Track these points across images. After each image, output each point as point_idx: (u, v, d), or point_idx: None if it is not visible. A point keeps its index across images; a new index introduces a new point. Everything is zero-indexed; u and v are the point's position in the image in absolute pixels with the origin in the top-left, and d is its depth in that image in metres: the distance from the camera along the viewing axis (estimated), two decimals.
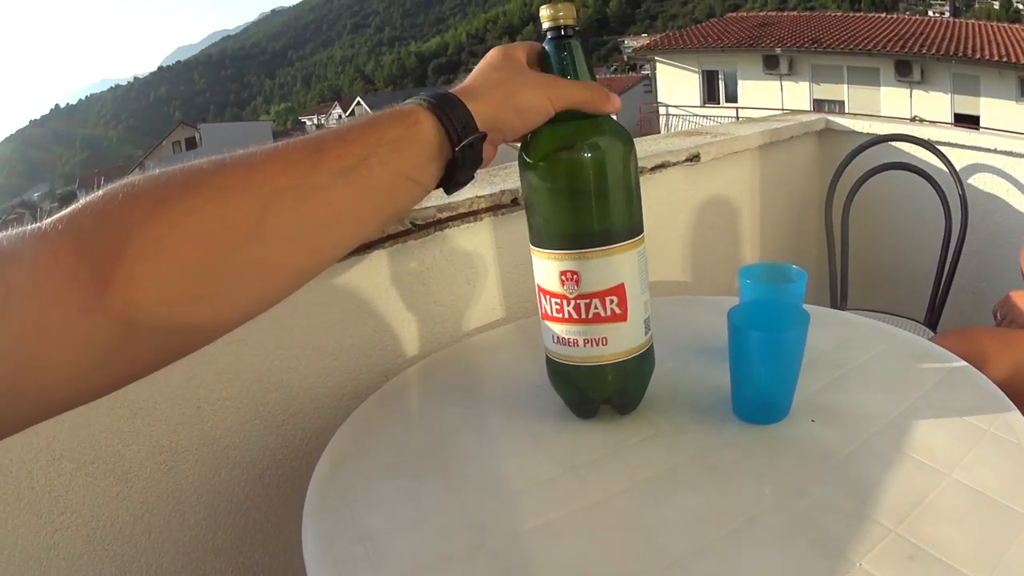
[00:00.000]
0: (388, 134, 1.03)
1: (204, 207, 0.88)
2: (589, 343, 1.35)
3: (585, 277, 1.31)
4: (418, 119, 1.07)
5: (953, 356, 1.60)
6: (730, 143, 3.18)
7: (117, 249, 0.83)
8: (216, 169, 0.92)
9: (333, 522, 1.23)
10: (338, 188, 0.98)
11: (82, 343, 0.81)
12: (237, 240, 0.90)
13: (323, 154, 0.98)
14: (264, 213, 0.91)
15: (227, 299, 0.92)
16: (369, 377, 2.02)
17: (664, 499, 1.21)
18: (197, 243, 0.87)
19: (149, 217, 0.85)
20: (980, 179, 3.41)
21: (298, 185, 0.95)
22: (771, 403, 1.40)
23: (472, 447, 1.44)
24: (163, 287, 0.85)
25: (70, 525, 1.61)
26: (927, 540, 1.05)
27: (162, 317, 0.86)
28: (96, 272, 0.81)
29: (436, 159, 1.09)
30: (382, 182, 1.03)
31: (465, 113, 1.10)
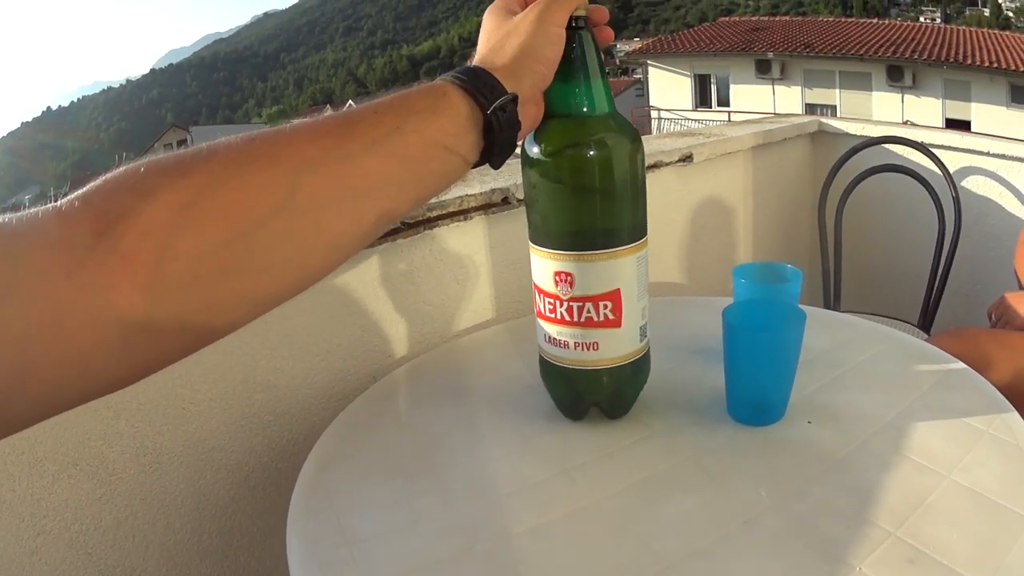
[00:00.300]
0: (419, 104, 1.01)
1: (232, 177, 0.85)
2: (580, 346, 1.33)
3: (579, 280, 1.28)
4: (447, 91, 1.04)
5: (950, 357, 1.59)
6: (723, 144, 3.17)
7: (141, 221, 0.78)
8: (243, 143, 0.89)
9: (319, 525, 1.20)
10: (372, 157, 0.95)
11: (100, 325, 0.75)
12: (268, 210, 0.86)
13: (354, 125, 0.96)
14: (295, 183, 0.88)
15: (262, 272, 0.88)
16: (357, 378, 1.99)
17: (658, 502, 1.19)
18: (227, 212, 0.83)
19: (174, 187, 0.81)
20: (973, 182, 3.42)
21: (330, 154, 0.92)
22: (767, 404, 1.38)
23: (461, 449, 1.41)
24: (193, 259, 0.80)
25: (53, 528, 1.58)
26: (927, 543, 1.04)
27: (192, 293, 0.81)
28: (118, 246, 0.76)
29: (471, 129, 1.05)
30: (418, 151, 0.99)
31: (489, 78, 1.07)
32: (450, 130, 1.03)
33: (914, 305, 3.34)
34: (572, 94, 1.23)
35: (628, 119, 1.31)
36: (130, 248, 0.76)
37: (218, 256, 0.82)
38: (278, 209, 0.86)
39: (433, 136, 1.01)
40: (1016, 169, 3.30)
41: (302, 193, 0.88)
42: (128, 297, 0.76)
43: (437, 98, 1.03)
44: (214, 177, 0.84)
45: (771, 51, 30.17)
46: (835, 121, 3.81)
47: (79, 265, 0.74)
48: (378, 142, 0.95)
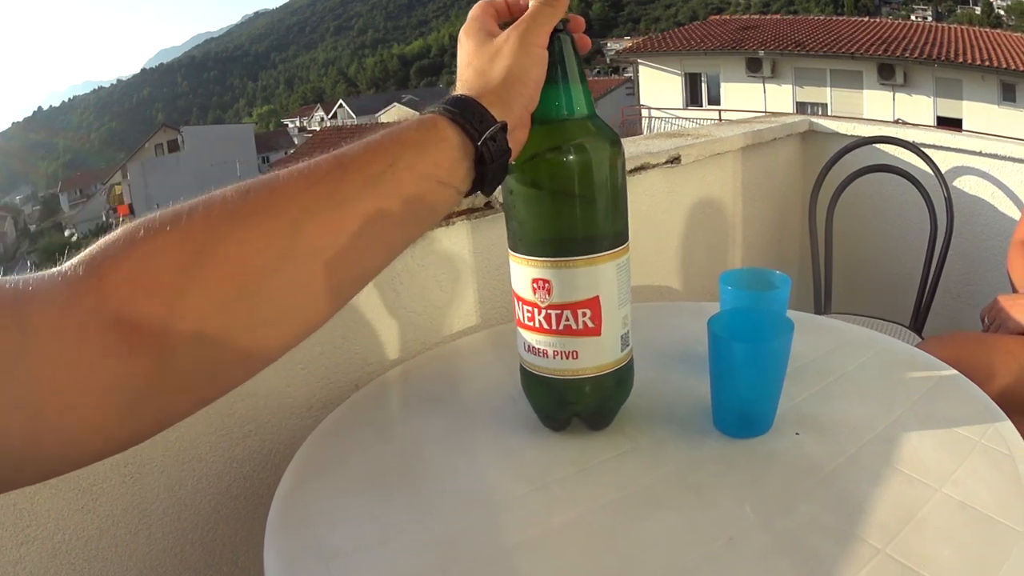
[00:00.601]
0: (410, 139, 1.01)
1: (232, 232, 0.84)
2: (559, 355, 1.31)
3: (557, 287, 1.26)
4: (437, 123, 1.04)
5: (942, 363, 1.57)
6: (711, 145, 3.15)
7: (144, 284, 0.78)
8: (237, 196, 0.87)
9: (296, 541, 1.18)
10: (368, 198, 0.94)
11: (108, 388, 0.75)
12: (271, 261, 0.86)
13: (347, 167, 0.95)
14: (295, 231, 0.88)
15: (268, 325, 0.87)
16: (339, 387, 1.97)
17: (641, 518, 1.16)
18: (231, 268, 0.83)
19: (174, 247, 0.81)
20: (965, 182, 3.41)
21: (326, 200, 0.91)
22: (754, 416, 1.36)
23: (441, 461, 1.39)
24: (199, 318, 0.80)
25: (36, 538, 1.56)
26: (918, 559, 1.02)
27: (199, 352, 0.81)
28: (124, 311, 0.76)
29: (463, 160, 1.04)
30: (412, 187, 0.99)
31: (478, 107, 1.06)
32: (443, 164, 1.02)
33: (905, 306, 3.33)
34: (549, 98, 1.20)
35: (610, 122, 1.28)
36: (136, 313, 0.76)
37: (224, 313, 0.82)
38: (281, 260, 0.86)
39: (426, 171, 1.00)
40: (1008, 169, 3.29)
41: (303, 242, 0.88)
42: (136, 363, 0.76)
43: (427, 131, 1.03)
44: (214, 233, 0.83)
45: (762, 49, 30.21)
46: (826, 121, 3.79)
47: (87, 331, 0.74)
48: (372, 183, 0.95)
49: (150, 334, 0.77)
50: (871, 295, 3.82)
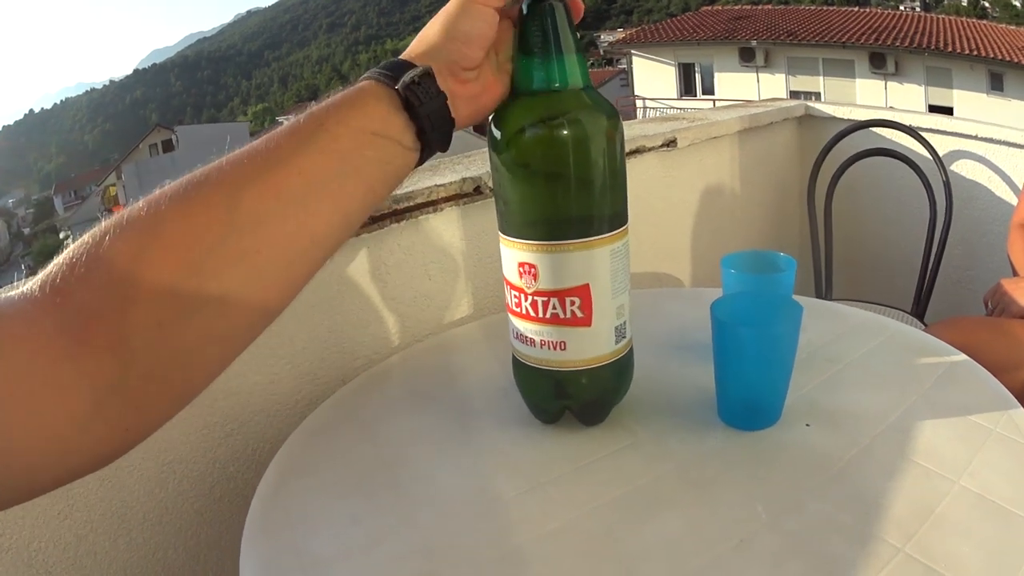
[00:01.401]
0: (336, 100, 0.99)
1: (172, 212, 0.84)
2: (546, 345, 1.24)
3: (544, 272, 1.19)
4: (361, 84, 1.03)
5: (952, 349, 1.53)
6: (708, 128, 3.13)
7: (96, 281, 0.79)
8: (183, 180, 0.88)
9: (275, 546, 1.14)
10: (304, 156, 0.93)
11: (69, 395, 0.75)
12: (215, 234, 0.85)
13: (280, 136, 0.94)
14: (235, 199, 0.87)
15: (223, 303, 0.85)
16: (324, 382, 1.93)
17: (642, 520, 1.10)
18: (175, 247, 0.83)
19: (124, 239, 0.81)
20: (961, 166, 3.41)
21: (262, 163, 0.90)
22: (761, 406, 1.30)
23: (430, 460, 1.33)
24: (152, 304, 0.80)
25: (10, 547, 1.52)
26: (938, 558, 0.97)
27: (158, 342, 0.80)
28: (80, 311, 0.77)
29: (394, 111, 1.01)
30: (348, 142, 0.97)
31: (401, 62, 1.05)
32: (374, 115, 1.01)
33: (906, 291, 3.32)
34: (536, 67, 1.14)
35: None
36: (92, 309, 0.77)
37: (176, 295, 0.81)
38: (225, 231, 0.85)
39: (359, 124, 0.99)
40: (1004, 153, 3.28)
41: (243, 209, 0.87)
42: (97, 362, 0.76)
43: (353, 91, 1.02)
44: (157, 218, 0.83)
45: (754, 39, 30.50)
46: (822, 105, 3.77)
47: (45, 340, 0.74)
48: (306, 141, 0.94)
49: (106, 328, 0.77)
50: (871, 280, 3.82)
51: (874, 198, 3.71)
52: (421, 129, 1.03)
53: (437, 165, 2.28)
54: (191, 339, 0.83)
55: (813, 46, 29.61)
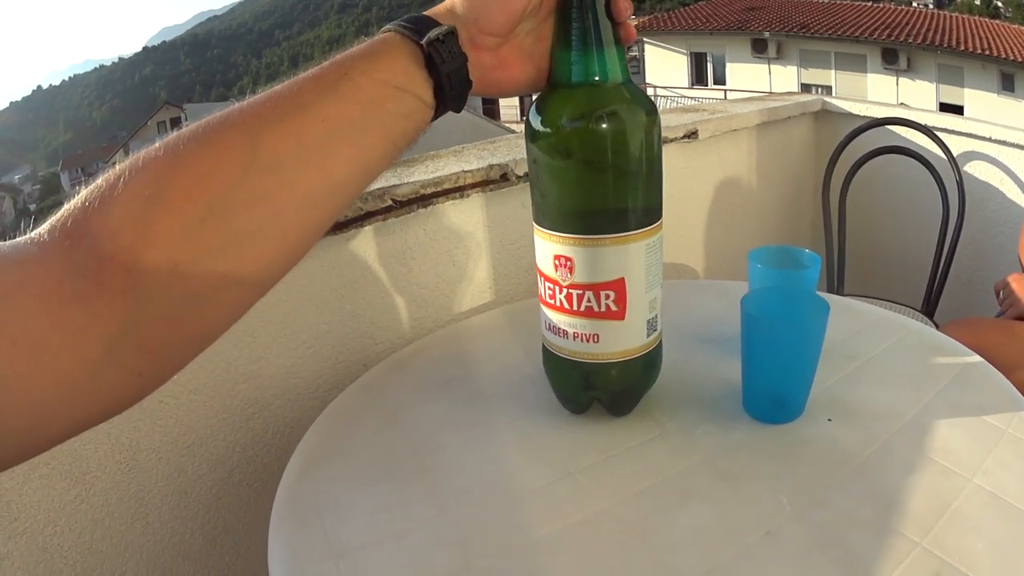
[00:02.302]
0: (360, 51, 0.99)
1: (191, 152, 0.83)
2: (579, 337, 1.25)
3: (580, 266, 1.19)
4: (385, 36, 1.02)
5: (967, 350, 1.55)
6: (728, 121, 3.12)
7: (109, 223, 0.76)
8: (199, 123, 0.86)
9: (302, 535, 1.13)
10: (327, 103, 0.92)
11: (80, 339, 0.72)
12: (234, 175, 0.83)
13: (303, 82, 0.94)
14: (256, 141, 0.86)
15: (242, 245, 0.84)
16: (346, 366, 1.93)
17: (672, 510, 1.12)
18: (194, 187, 0.81)
19: (137, 180, 0.79)
20: (975, 166, 3.39)
21: (283, 108, 0.90)
22: (787, 400, 1.32)
23: (457, 449, 1.33)
24: (169, 245, 0.78)
25: (24, 532, 1.51)
26: (953, 553, 1.00)
27: (174, 283, 0.78)
28: (93, 252, 0.75)
29: (417, 67, 1.01)
30: (371, 92, 0.96)
31: (425, 18, 1.05)
32: (396, 68, 1.00)
33: (916, 290, 3.32)
34: (576, 61, 1.13)
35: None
36: (105, 250, 0.75)
37: (194, 236, 0.80)
38: (244, 172, 0.84)
39: (382, 76, 0.98)
40: (1017, 156, 3.27)
41: (264, 150, 0.86)
42: (110, 304, 0.74)
43: (375, 42, 1.01)
44: (175, 158, 0.82)
45: (767, 30, 30.32)
46: (839, 101, 3.76)
47: (55, 282, 0.72)
48: (329, 89, 0.94)
49: (119, 269, 0.75)
50: (882, 277, 3.81)
51: (888, 195, 3.70)
52: (439, 87, 1.03)
53: (462, 151, 2.28)
54: (207, 282, 0.82)
55: (826, 39, 29.45)
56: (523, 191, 1.23)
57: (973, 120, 3.45)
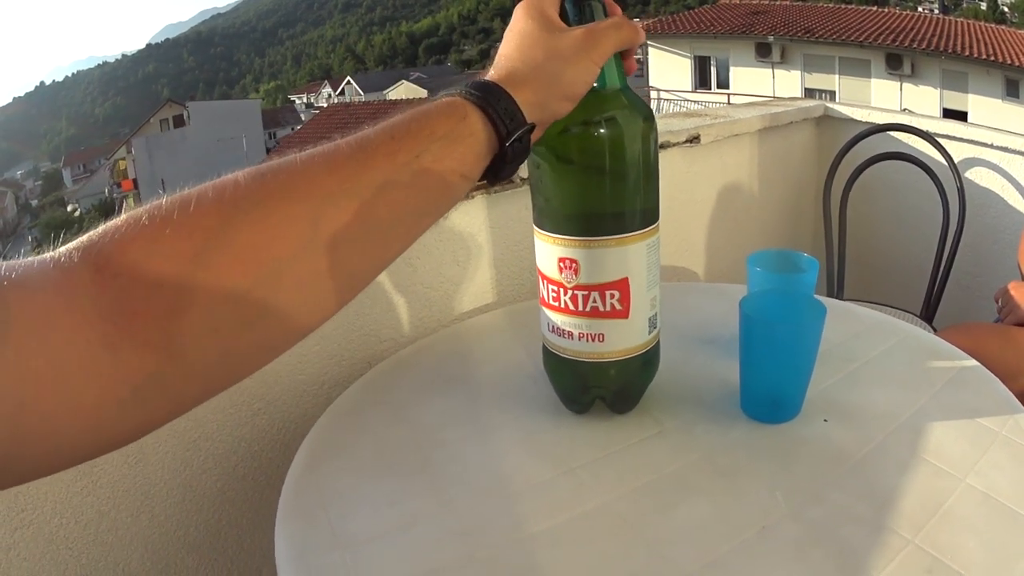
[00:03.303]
0: (438, 130, 0.95)
1: (246, 218, 0.79)
2: (585, 337, 1.27)
3: (585, 267, 1.22)
4: (466, 113, 0.98)
5: (962, 354, 1.57)
6: (730, 126, 3.13)
7: (148, 273, 0.73)
8: (252, 179, 0.82)
9: (308, 528, 1.15)
10: (395, 188, 0.89)
11: (106, 382, 0.69)
12: (291, 250, 0.80)
13: (371, 153, 0.89)
14: (317, 219, 0.83)
15: (284, 317, 0.82)
16: (351, 364, 1.94)
17: (670, 506, 1.14)
18: (244, 257, 0.77)
19: (182, 235, 0.75)
20: (976, 172, 3.39)
21: (351, 186, 0.86)
22: (784, 400, 1.34)
23: (461, 444, 1.36)
24: (209, 311, 0.75)
25: (30, 523, 1.53)
26: (945, 551, 1.02)
27: (210, 345, 0.76)
28: (125, 302, 0.71)
29: (486, 155, 1.00)
30: (437, 180, 0.94)
31: (511, 105, 1.01)
32: (468, 159, 0.98)
33: (916, 295, 3.33)
34: None
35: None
36: (139, 305, 0.71)
37: (238, 305, 0.77)
38: (300, 249, 0.81)
39: (452, 166, 0.96)
40: (1018, 162, 3.28)
41: (325, 229, 0.83)
42: (140, 356, 0.71)
43: (457, 122, 0.97)
44: (226, 219, 0.78)
45: (771, 35, 30.24)
46: (841, 106, 3.76)
47: (83, 320, 0.68)
48: (399, 171, 0.90)
49: (155, 326, 0.72)
50: (881, 283, 3.82)
51: (888, 201, 3.70)
52: (492, 173, 1.04)
53: None
54: (244, 347, 0.81)
55: (830, 44, 29.35)
56: (526, 194, 1.24)
57: (975, 126, 3.45)
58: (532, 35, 1.10)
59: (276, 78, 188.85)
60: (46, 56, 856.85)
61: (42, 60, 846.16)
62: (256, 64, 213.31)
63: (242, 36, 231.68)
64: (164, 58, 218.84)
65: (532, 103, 1.03)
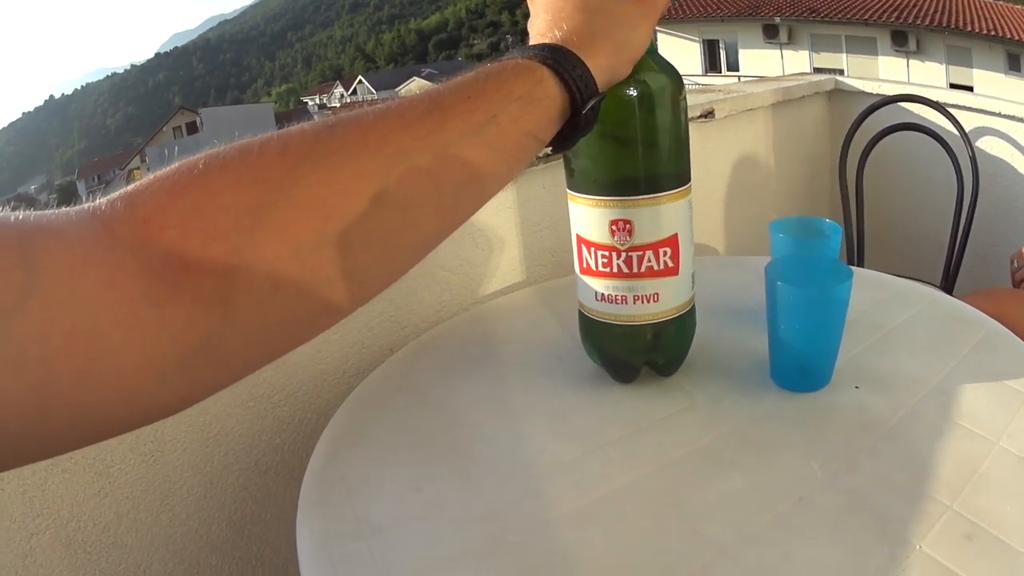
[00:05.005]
0: (515, 91, 0.92)
1: (314, 171, 0.74)
2: (639, 299, 1.27)
3: (639, 227, 1.22)
4: (542, 76, 0.95)
5: (987, 318, 1.56)
6: (743, 100, 3.13)
7: (205, 224, 0.68)
8: (320, 131, 0.78)
9: (331, 516, 1.12)
10: (470, 147, 0.86)
11: (152, 343, 0.63)
12: (359, 207, 0.75)
13: (447, 111, 0.85)
14: (389, 174, 0.78)
15: (350, 278, 0.77)
16: (372, 351, 1.93)
17: (703, 480, 1.12)
18: (310, 212, 0.73)
19: (243, 186, 0.71)
20: (987, 142, 3.40)
21: (425, 144, 0.82)
22: (814, 368, 1.32)
23: (486, 427, 1.33)
24: (271, 268, 0.70)
25: (47, 528, 1.50)
26: (983, 516, 1.00)
27: (270, 305, 0.71)
28: (174, 253, 0.65)
29: (559, 120, 0.98)
30: (513, 141, 0.91)
31: (585, 72, 0.98)
32: (544, 121, 0.95)
33: (934, 266, 3.33)
34: None
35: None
36: (192, 257, 0.66)
37: (303, 263, 0.72)
38: (371, 207, 0.77)
39: (528, 127, 0.93)
40: None
41: (397, 187, 0.79)
42: (189, 313, 0.65)
43: (534, 85, 0.94)
44: (292, 171, 0.73)
45: (778, 16, 30.27)
46: (851, 79, 3.77)
47: (123, 273, 0.62)
48: (475, 131, 0.87)
49: (209, 281, 0.66)
50: (899, 254, 3.82)
51: (903, 173, 3.71)
52: (560, 139, 1.01)
53: None
54: (306, 310, 0.75)
55: (836, 23, 29.43)
56: (545, 173, 1.21)
57: (984, 96, 3.47)
58: None
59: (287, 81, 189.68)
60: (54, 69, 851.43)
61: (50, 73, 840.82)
62: (267, 68, 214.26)
63: (251, 41, 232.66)
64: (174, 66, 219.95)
65: (603, 68, 1.01)
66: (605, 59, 1.01)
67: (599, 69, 1.00)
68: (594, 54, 1.00)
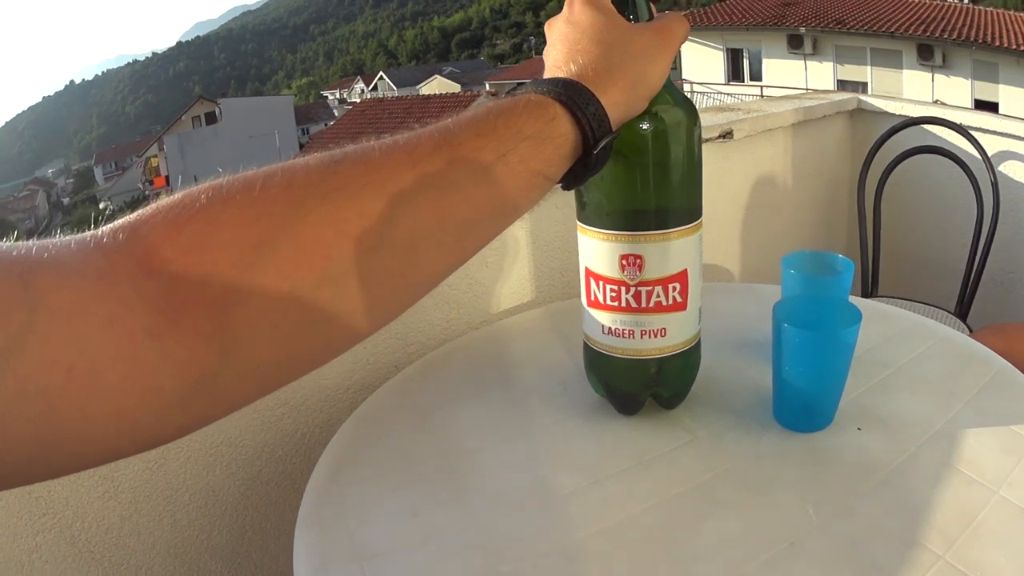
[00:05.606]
0: (526, 129, 0.91)
1: (317, 209, 0.73)
2: (646, 334, 1.27)
3: (649, 262, 1.22)
4: (555, 113, 0.94)
5: (997, 358, 1.54)
6: (763, 120, 3.11)
7: (206, 260, 0.67)
8: (325, 166, 0.77)
9: (329, 538, 1.13)
10: (478, 186, 0.86)
11: (152, 379, 0.63)
12: (363, 247, 0.75)
13: (456, 148, 0.85)
14: (393, 215, 0.77)
15: (351, 317, 0.77)
16: (377, 367, 1.92)
17: (698, 519, 1.12)
18: (312, 251, 0.72)
19: (244, 220, 0.70)
20: (1010, 167, 3.36)
21: (431, 182, 0.81)
22: (817, 409, 1.31)
23: (486, 453, 1.33)
24: (270, 306, 0.70)
25: (53, 527, 1.52)
26: (975, 567, 0.99)
27: (268, 345, 0.71)
28: (175, 288, 0.65)
29: (570, 158, 0.97)
30: (522, 180, 0.90)
31: (599, 110, 0.97)
32: (555, 159, 0.95)
33: (950, 292, 3.30)
34: None
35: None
36: (192, 294, 0.66)
37: (302, 303, 0.72)
38: (373, 247, 0.76)
39: (538, 166, 0.92)
40: None
41: (400, 228, 0.78)
42: (188, 348, 0.65)
43: (547, 123, 0.93)
44: (296, 208, 0.73)
45: (803, 26, 30.18)
46: (874, 99, 3.74)
47: (125, 308, 0.63)
48: (483, 170, 0.86)
49: (208, 318, 0.66)
50: (915, 279, 3.79)
51: (923, 196, 3.68)
52: (571, 177, 1.01)
53: None
54: (304, 347, 0.75)
55: (861, 35, 29.32)
56: (556, 193, 1.21)
57: (1009, 118, 3.42)
58: (605, 30, 1.06)
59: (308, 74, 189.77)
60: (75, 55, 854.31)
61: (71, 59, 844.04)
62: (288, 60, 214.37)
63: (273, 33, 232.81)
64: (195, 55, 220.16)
65: (617, 104, 1.00)
66: (621, 94, 1.01)
67: (614, 105, 0.99)
68: (609, 89, 0.99)
